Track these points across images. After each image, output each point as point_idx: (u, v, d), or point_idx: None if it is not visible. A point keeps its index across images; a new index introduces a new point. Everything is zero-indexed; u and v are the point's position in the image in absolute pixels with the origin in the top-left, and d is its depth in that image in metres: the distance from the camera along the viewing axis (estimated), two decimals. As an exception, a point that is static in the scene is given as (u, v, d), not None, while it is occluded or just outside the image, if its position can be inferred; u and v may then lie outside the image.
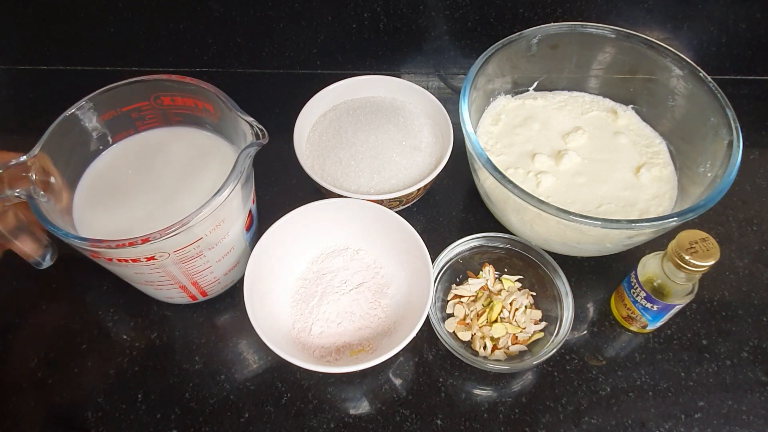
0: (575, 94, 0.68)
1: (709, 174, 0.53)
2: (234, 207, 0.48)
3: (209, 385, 0.52)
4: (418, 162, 0.60)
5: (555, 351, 0.50)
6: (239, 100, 0.49)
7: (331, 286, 0.54)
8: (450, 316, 0.55)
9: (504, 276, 0.57)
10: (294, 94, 0.65)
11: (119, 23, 0.73)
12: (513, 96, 0.67)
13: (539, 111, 0.66)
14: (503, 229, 0.59)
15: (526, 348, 0.52)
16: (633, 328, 0.54)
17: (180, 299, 0.54)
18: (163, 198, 0.50)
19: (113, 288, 0.57)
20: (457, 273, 0.57)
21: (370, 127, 0.61)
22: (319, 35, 0.74)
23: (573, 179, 0.59)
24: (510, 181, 0.50)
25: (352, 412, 0.50)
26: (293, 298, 0.54)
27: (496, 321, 0.53)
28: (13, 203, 0.44)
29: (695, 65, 0.58)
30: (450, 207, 0.65)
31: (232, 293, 0.57)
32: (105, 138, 0.53)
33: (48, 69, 0.79)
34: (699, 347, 0.54)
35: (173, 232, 0.41)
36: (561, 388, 0.52)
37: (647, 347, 0.54)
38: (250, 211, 0.52)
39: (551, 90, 0.68)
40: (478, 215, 0.63)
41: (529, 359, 0.50)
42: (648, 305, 0.50)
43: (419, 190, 0.57)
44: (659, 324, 0.52)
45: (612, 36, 0.62)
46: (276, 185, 0.66)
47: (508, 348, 0.52)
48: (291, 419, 0.50)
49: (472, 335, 0.52)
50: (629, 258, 0.59)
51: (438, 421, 0.50)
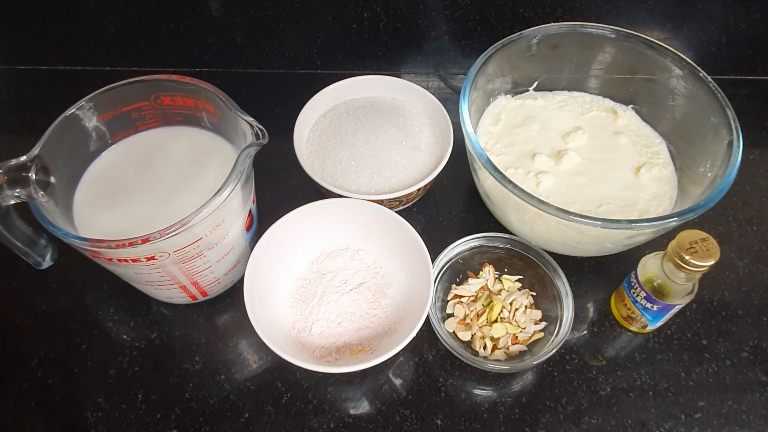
0: (575, 94, 0.68)
1: (709, 174, 0.53)
2: (234, 207, 0.48)
3: (209, 385, 0.52)
4: (418, 162, 0.60)
5: (555, 351, 0.50)
6: (239, 100, 0.49)
7: (331, 286, 0.54)
8: (450, 316, 0.55)
9: (504, 276, 0.57)
10: (294, 94, 0.65)
11: (119, 23, 0.73)
12: (513, 96, 0.67)
13: (539, 111, 0.66)
14: (503, 229, 0.59)
15: (526, 348, 0.52)
16: (633, 328, 0.54)
17: (180, 299, 0.54)
18: (163, 198, 0.50)
19: (113, 288, 0.57)
20: (457, 273, 0.57)
21: (370, 127, 0.61)
22: (319, 35, 0.74)
23: (573, 179, 0.59)
24: (510, 181, 0.50)
25: (352, 412, 0.50)
26: (293, 298, 0.54)
27: (496, 321, 0.53)
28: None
29: (695, 65, 0.58)
30: (450, 207, 0.65)
31: (232, 293, 0.57)
32: (105, 138, 0.53)
33: (48, 69, 0.79)
34: (699, 347, 0.54)
35: (173, 232, 0.41)
36: (561, 388, 0.52)
37: (647, 347, 0.54)
38: (250, 211, 0.52)
39: (551, 90, 0.68)
40: (478, 215, 0.63)
41: (529, 359, 0.50)
42: (648, 305, 0.50)
43: (419, 190, 0.57)
44: (659, 324, 0.52)
45: (612, 36, 0.62)
46: (276, 185, 0.66)
47: (508, 348, 0.52)
48: (291, 419, 0.50)
49: (472, 335, 0.52)
50: (629, 258, 0.59)
51: (438, 421, 0.50)
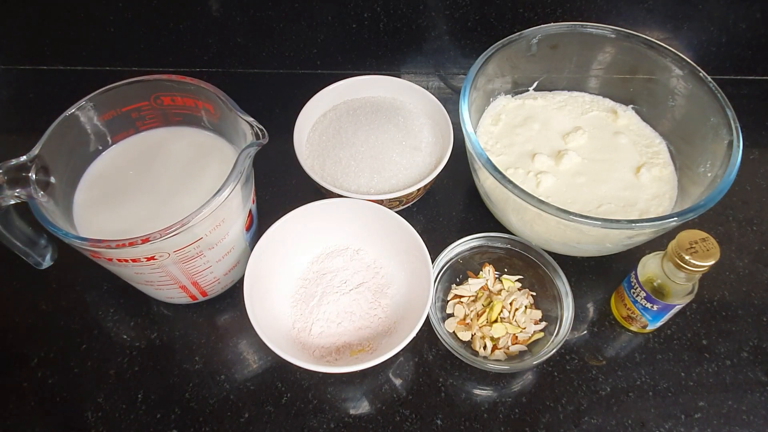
0: (575, 94, 0.68)
1: (709, 174, 0.53)
2: (234, 207, 0.48)
3: (209, 385, 0.52)
4: (418, 162, 0.60)
5: (555, 351, 0.50)
6: (239, 100, 0.49)
7: (331, 286, 0.54)
8: (450, 316, 0.55)
9: (504, 276, 0.57)
10: (294, 94, 0.65)
11: (119, 23, 0.73)
12: (513, 96, 0.67)
13: (539, 111, 0.66)
14: (503, 229, 0.59)
15: (526, 348, 0.52)
16: (633, 328, 0.54)
17: (180, 299, 0.54)
18: (163, 198, 0.50)
19: (113, 288, 0.57)
20: (457, 273, 0.57)
21: (370, 127, 0.61)
22: (319, 35, 0.74)
23: (573, 179, 0.59)
24: (510, 181, 0.50)
25: (352, 412, 0.50)
26: (293, 298, 0.54)
27: (496, 321, 0.53)
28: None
29: (695, 65, 0.58)
30: (450, 207, 0.65)
31: (232, 293, 0.57)
32: (105, 138, 0.53)
33: (48, 69, 0.79)
34: (699, 347, 0.54)
35: (173, 232, 0.41)
36: (561, 388, 0.52)
37: (647, 347, 0.54)
38: (250, 211, 0.52)
39: (551, 90, 0.68)
40: (478, 215, 0.63)
41: (529, 359, 0.50)
42: (648, 305, 0.50)
43: (419, 190, 0.57)
44: (659, 324, 0.52)
45: (612, 36, 0.62)
46: (276, 185, 0.66)
47: (508, 348, 0.52)
48: (291, 419, 0.50)
49: (472, 335, 0.52)
50: (629, 258, 0.59)
51: (438, 421, 0.50)
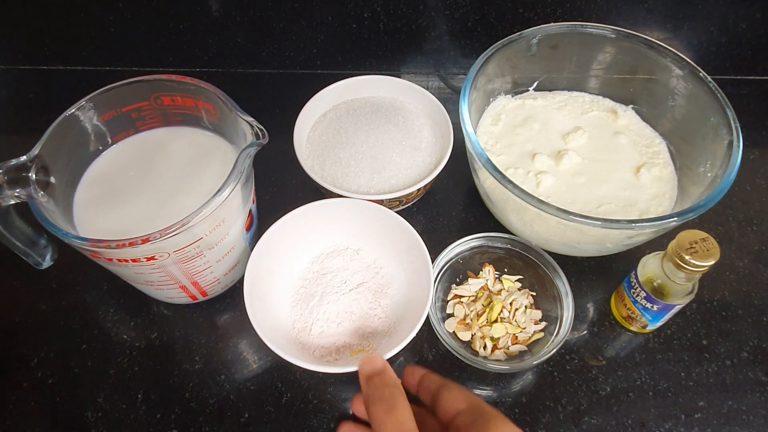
0: (575, 94, 0.68)
1: (709, 174, 0.53)
2: (234, 207, 0.48)
3: (209, 385, 0.52)
4: (418, 162, 0.60)
5: (555, 351, 0.50)
6: (239, 100, 0.49)
7: (331, 286, 0.54)
8: (450, 316, 0.55)
9: (504, 276, 0.57)
10: (294, 94, 0.65)
11: (119, 23, 0.73)
12: (513, 96, 0.67)
13: (539, 111, 0.66)
14: (503, 229, 0.59)
15: (526, 348, 0.52)
16: (633, 328, 0.54)
17: (180, 299, 0.54)
18: (163, 198, 0.50)
19: (113, 288, 0.57)
20: (457, 273, 0.57)
21: (370, 127, 0.61)
22: (319, 35, 0.74)
23: (573, 179, 0.59)
24: (510, 181, 0.50)
25: (352, 412, 0.50)
26: (293, 298, 0.54)
27: (496, 321, 0.53)
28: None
29: (695, 65, 0.58)
30: (450, 207, 0.65)
31: (232, 293, 0.57)
32: (105, 138, 0.53)
33: (48, 69, 0.79)
34: (699, 347, 0.54)
35: (173, 232, 0.41)
36: (561, 388, 0.52)
37: (647, 347, 0.54)
38: (250, 211, 0.52)
39: (551, 90, 0.68)
40: (478, 215, 0.63)
41: (529, 359, 0.50)
42: (648, 305, 0.50)
43: (419, 190, 0.57)
44: (659, 324, 0.52)
45: (612, 36, 0.62)
46: (276, 185, 0.66)
47: (508, 348, 0.52)
48: (291, 419, 0.50)
49: (472, 335, 0.52)
50: (629, 258, 0.59)
51: (438, 421, 0.50)
